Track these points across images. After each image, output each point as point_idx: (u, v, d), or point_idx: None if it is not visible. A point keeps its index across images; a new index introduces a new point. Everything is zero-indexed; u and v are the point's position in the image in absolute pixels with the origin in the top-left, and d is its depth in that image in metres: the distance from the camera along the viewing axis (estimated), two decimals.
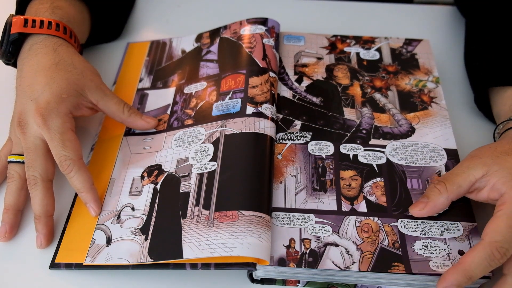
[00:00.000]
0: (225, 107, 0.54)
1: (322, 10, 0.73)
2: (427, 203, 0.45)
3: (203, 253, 0.42)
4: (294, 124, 0.54)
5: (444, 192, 0.45)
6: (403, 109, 0.55)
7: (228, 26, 0.63)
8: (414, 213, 0.46)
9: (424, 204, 0.45)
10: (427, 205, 0.45)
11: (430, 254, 0.43)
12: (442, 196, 0.45)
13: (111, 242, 0.46)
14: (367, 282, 0.44)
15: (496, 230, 0.41)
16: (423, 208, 0.45)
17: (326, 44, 0.63)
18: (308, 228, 0.45)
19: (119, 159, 0.53)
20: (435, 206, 0.45)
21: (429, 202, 0.45)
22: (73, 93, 0.50)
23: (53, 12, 0.55)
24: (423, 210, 0.45)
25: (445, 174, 0.47)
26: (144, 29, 0.71)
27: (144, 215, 0.48)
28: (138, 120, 0.54)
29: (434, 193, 0.45)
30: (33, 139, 0.48)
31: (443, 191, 0.45)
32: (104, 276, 0.46)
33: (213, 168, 0.48)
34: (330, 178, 0.49)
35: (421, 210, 0.45)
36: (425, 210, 0.45)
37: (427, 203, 0.45)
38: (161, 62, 0.64)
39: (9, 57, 0.53)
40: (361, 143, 0.52)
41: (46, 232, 0.48)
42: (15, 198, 0.49)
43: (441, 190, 0.45)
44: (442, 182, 0.45)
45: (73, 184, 0.48)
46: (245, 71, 0.56)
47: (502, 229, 0.40)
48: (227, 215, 0.44)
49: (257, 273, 0.44)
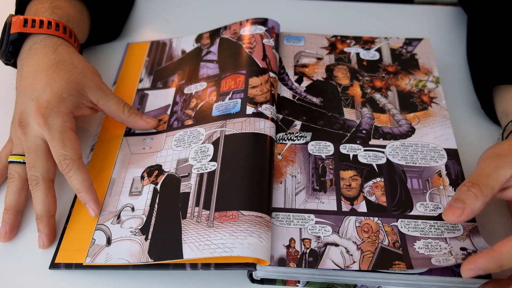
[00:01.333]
0: (225, 108, 0.54)
1: (322, 10, 0.73)
2: (464, 209, 0.42)
3: (203, 253, 0.42)
4: (294, 124, 0.54)
5: (480, 196, 0.42)
6: (403, 109, 0.55)
7: (228, 27, 0.63)
8: (450, 220, 0.43)
9: (461, 210, 0.42)
10: (465, 211, 0.42)
11: (431, 252, 0.43)
12: (478, 200, 0.42)
13: (111, 242, 0.46)
14: (367, 282, 0.44)
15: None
16: (461, 214, 0.42)
17: (326, 44, 0.63)
18: (308, 228, 0.45)
19: (119, 159, 0.53)
20: (472, 212, 0.42)
21: (466, 208, 0.42)
22: (74, 92, 0.50)
23: (53, 12, 0.55)
24: (461, 216, 0.42)
25: (475, 175, 0.44)
26: (144, 29, 0.71)
27: (144, 215, 0.47)
28: (138, 120, 0.54)
29: (470, 198, 0.42)
30: (34, 139, 0.48)
31: (479, 195, 0.42)
32: (104, 276, 0.46)
33: (213, 168, 0.48)
34: (330, 178, 0.49)
35: (459, 217, 0.42)
36: (463, 217, 0.42)
37: (464, 208, 0.42)
38: (161, 63, 0.64)
39: (9, 57, 0.53)
40: (361, 143, 0.52)
41: (48, 232, 0.48)
42: (15, 199, 0.49)
43: (477, 194, 0.42)
44: (476, 185, 0.42)
45: (72, 183, 0.48)
46: (245, 72, 0.56)
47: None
48: (227, 215, 0.44)
49: (257, 273, 0.44)
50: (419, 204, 0.47)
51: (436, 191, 0.48)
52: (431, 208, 0.47)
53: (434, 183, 0.49)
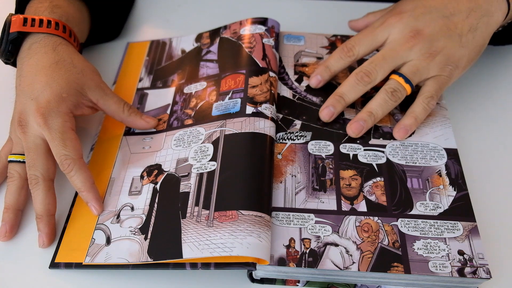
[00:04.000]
0: (225, 107, 0.54)
1: (322, 10, 0.73)
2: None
3: (202, 253, 0.42)
4: (294, 123, 0.54)
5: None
6: (403, 109, 0.55)
7: (228, 26, 0.63)
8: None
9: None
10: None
11: (429, 254, 0.43)
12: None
13: (110, 242, 0.46)
14: (367, 282, 0.44)
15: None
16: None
17: (326, 43, 0.63)
18: (308, 228, 0.45)
19: (119, 159, 0.53)
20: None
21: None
22: (73, 92, 0.50)
23: (52, 11, 0.55)
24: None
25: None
26: (144, 28, 0.71)
27: (143, 215, 0.47)
28: (138, 119, 0.54)
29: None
30: (34, 138, 0.48)
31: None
32: (104, 275, 0.46)
33: (213, 168, 0.48)
34: (330, 177, 0.49)
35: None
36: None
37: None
38: (161, 62, 0.64)
39: (9, 56, 0.53)
40: (361, 143, 0.52)
41: (48, 231, 0.48)
42: (15, 198, 0.49)
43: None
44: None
45: (74, 183, 0.48)
46: (245, 71, 0.56)
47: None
48: (227, 215, 0.44)
49: (257, 273, 0.44)
50: (419, 204, 0.47)
51: (436, 190, 0.48)
52: (431, 208, 0.47)
53: (434, 183, 0.49)
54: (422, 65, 0.52)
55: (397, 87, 0.52)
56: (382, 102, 0.52)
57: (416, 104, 0.53)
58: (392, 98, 0.52)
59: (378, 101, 0.52)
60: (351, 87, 0.53)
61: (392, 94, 0.52)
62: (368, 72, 0.52)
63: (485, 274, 0.42)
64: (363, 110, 0.53)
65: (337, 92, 0.53)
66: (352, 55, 0.55)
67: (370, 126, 0.52)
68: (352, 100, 0.53)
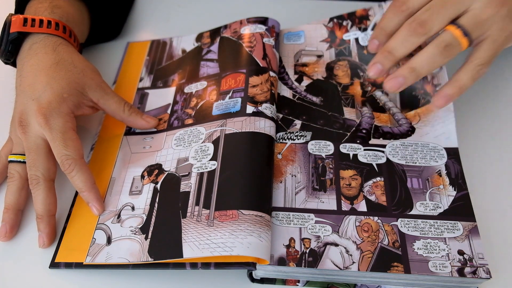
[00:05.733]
0: (225, 107, 0.54)
1: (322, 10, 0.73)
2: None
3: (203, 253, 0.42)
4: (294, 123, 0.54)
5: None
6: (404, 107, 0.55)
7: (228, 26, 0.63)
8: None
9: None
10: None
11: (429, 254, 0.43)
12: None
13: (111, 242, 0.46)
14: (367, 281, 0.44)
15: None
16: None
17: (325, 35, 0.62)
18: (308, 228, 0.45)
19: (119, 159, 0.53)
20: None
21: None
22: (74, 92, 0.50)
23: (52, 11, 0.55)
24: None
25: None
26: (144, 28, 0.71)
27: (144, 215, 0.48)
28: (139, 119, 0.54)
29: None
30: (35, 138, 0.48)
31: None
32: (104, 275, 0.46)
33: (213, 167, 0.49)
34: (330, 177, 0.49)
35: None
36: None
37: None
38: (162, 62, 0.64)
39: (9, 56, 0.53)
40: (361, 143, 0.52)
41: (49, 232, 0.48)
42: (15, 198, 0.49)
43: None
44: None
45: (75, 183, 0.48)
46: (245, 71, 0.56)
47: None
48: (227, 214, 0.44)
49: (257, 273, 0.44)
50: (419, 204, 0.47)
51: (436, 190, 0.48)
52: (431, 208, 0.47)
53: (434, 183, 0.49)
54: (487, 14, 0.43)
55: (451, 41, 0.44)
56: (429, 58, 0.44)
57: (464, 71, 0.46)
58: (443, 54, 0.44)
59: (425, 56, 0.44)
60: (402, 40, 0.45)
61: (444, 49, 0.44)
62: (423, 21, 0.44)
63: (485, 274, 0.42)
64: (405, 65, 0.46)
65: (386, 47, 0.47)
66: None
67: (411, 83, 0.46)
68: (403, 55, 0.46)
